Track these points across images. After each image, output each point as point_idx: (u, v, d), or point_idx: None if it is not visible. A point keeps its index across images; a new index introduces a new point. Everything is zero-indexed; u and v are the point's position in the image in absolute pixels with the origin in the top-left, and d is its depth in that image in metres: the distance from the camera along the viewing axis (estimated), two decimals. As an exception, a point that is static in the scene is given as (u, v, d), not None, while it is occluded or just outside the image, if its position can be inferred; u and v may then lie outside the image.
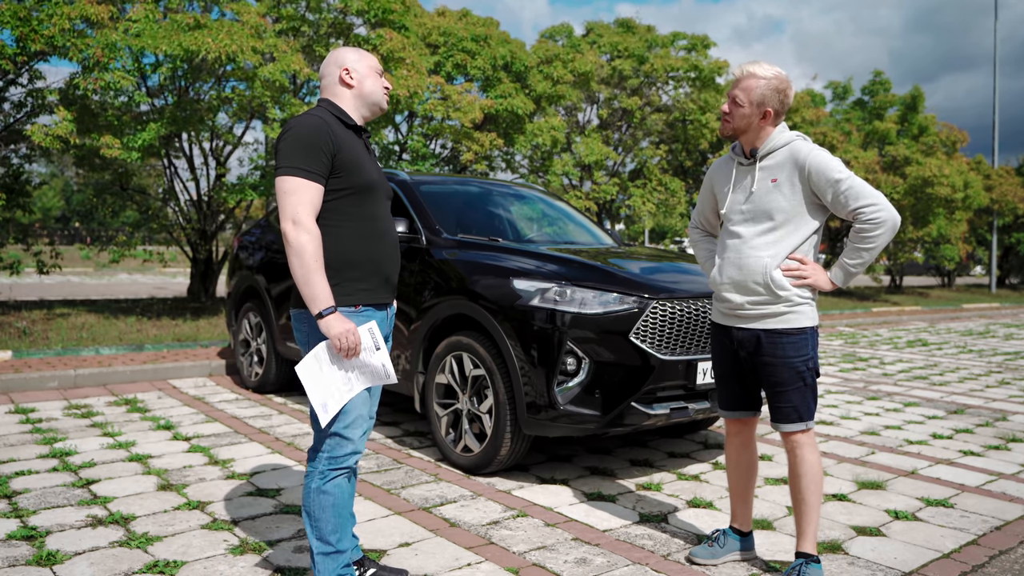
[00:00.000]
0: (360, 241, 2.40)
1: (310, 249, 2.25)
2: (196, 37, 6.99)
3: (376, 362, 2.36)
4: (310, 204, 2.29)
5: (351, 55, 2.51)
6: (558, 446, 4.58)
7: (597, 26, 15.68)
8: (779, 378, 2.71)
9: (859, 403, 6.22)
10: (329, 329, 2.26)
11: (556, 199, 6.13)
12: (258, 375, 5.90)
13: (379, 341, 2.37)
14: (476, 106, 9.39)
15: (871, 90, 20.65)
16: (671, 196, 14.50)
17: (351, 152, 2.38)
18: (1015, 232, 27.58)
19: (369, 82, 2.49)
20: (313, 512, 2.39)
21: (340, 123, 2.43)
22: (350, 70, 2.48)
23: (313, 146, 2.30)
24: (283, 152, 2.32)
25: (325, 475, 2.39)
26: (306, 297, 2.27)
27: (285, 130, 2.38)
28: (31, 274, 18.18)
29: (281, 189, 2.29)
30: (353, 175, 2.37)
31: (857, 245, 2.64)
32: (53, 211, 47.95)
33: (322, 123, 2.34)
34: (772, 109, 2.68)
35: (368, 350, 2.35)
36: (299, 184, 2.28)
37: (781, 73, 2.69)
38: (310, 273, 2.25)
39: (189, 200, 10.49)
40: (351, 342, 2.27)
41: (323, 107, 2.46)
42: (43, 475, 3.76)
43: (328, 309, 2.26)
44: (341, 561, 2.40)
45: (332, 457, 2.38)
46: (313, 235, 2.27)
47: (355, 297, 2.38)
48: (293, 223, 2.25)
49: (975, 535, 3.31)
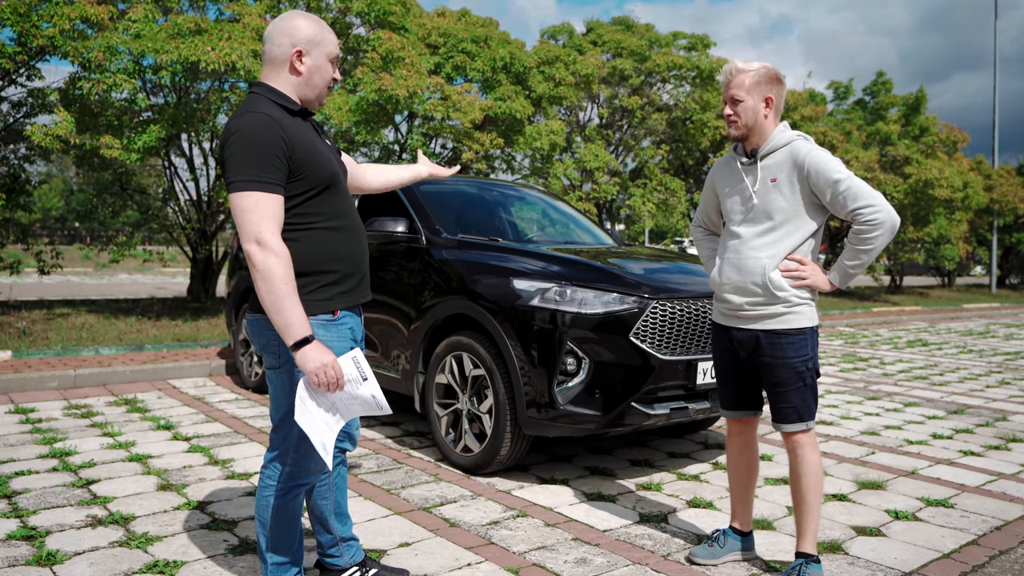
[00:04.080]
0: (334, 242, 2.22)
1: (279, 272, 2.02)
2: (196, 45, 6.97)
3: (366, 393, 2.16)
4: (272, 219, 2.04)
5: (308, 30, 2.18)
6: (558, 446, 4.58)
7: (597, 25, 15.70)
8: (779, 378, 2.71)
9: (859, 403, 6.22)
10: (304, 364, 2.03)
11: (556, 199, 6.13)
12: (258, 375, 5.90)
13: (365, 371, 2.17)
14: (476, 107, 9.39)
15: (873, 90, 20.65)
16: (671, 196, 14.50)
17: (306, 146, 2.14)
18: (1015, 232, 27.58)
19: (319, 76, 2.22)
20: (270, 525, 2.27)
21: (286, 112, 2.16)
22: (303, 54, 2.18)
23: (266, 151, 2.05)
24: (233, 163, 2.05)
25: (286, 491, 2.27)
26: (278, 326, 2.03)
27: (229, 134, 2.08)
28: (31, 274, 18.17)
29: (237, 206, 2.03)
30: (314, 172, 2.15)
31: (856, 246, 2.64)
32: (53, 211, 47.94)
33: (270, 122, 2.08)
34: (772, 95, 2.70)
35: (354, 382, 2.14)
36: (257, 199, 2.03)
37: (766, 63, 2.74)
38: (281, 299, 2.02)
39: (189, 200, 10.48)
40: (330, 376, 2.05)
41: (261, 95, 2.17)
42: (43, 475, 3.76)
43: (303, 339, 2.03)
44: (294, 571, 2.35)
45: (293, 474, 2.26)
46: (281, 256, 2.03)
47: (333, 302, 2.21)
48: (258, 244, 2.01)
49: (975, 535, 3.30)
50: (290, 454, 2.26)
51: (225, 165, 2.09)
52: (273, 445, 2.30)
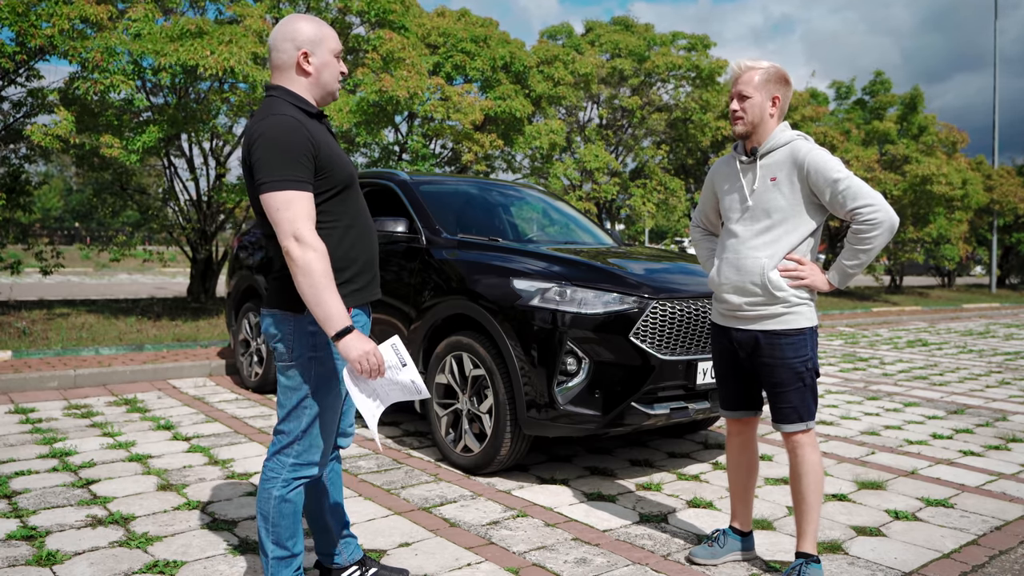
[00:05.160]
0: (351, 241, 2.30)
1: (319, 267, 2.09)
2: (195, 49, 6.97)
3: (405, 379, 2.26)
4: (307, 216, 2.12)
5: (309, 31, 2.25)
6: (558, 446, 4.58)
7: (597, 25, 15.71)
8: (778, 379, 2.71)
9: (859, 403, 6.22)
10: (348, 352, 2.12)
11: (556, 199, 6.13)
12: (258, 375, 5.90)
13: (404, 357, 2.26)
14: (476, 107, 9.39)
15: (871, 90, 20.67)
16: (671, 196, 14.51)
17: (328, 147, 2.23)
18: (1015, 232, 27.59)
19: (327, 72, 2.28)
20: (272, 518, 2.30)
21: (305, 114, 2.23)
22: (309, 55, 2.25)
23: (295, 151, 2.12)
24: (264, 164, 2.12)
25: (288, 484, 2.30)
26: (319, 318, 2.11)
27: (257, 135, 2.16)
28: (31, 274, 18.18)
29: (271, 205, 2.11)
30: (335, 173, 2.24)
31: (855, 246, 2.64)
32: (53, 211, 47.93)
33: (296, 123, 2.16)
34: (780, 95, 2.71)
35: (394, 368, 2.23)
36: (291, 197, 2.11)
37: (776, 63, 2.76)
38: (321, 292, 2.09)
39: (189, 200, 10.49)
40: (372, 364, 2.14)
41: (282, 99, 2.24)
42: (43, 475, 3.76)
43: (345, 329, 2.11)
44: (295, 565, 2.36)
45: (297, 465, 2.30)
46: (319, 251, 2.11)
47: (348, 300, 2.27)
48: (296, 240, 2.09)
49: (975, 535, 3.30)
50: (294, 447, 2.30)
51: (255, 167, 2.15)
52: (277, 439, 2.34)
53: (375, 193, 5.21)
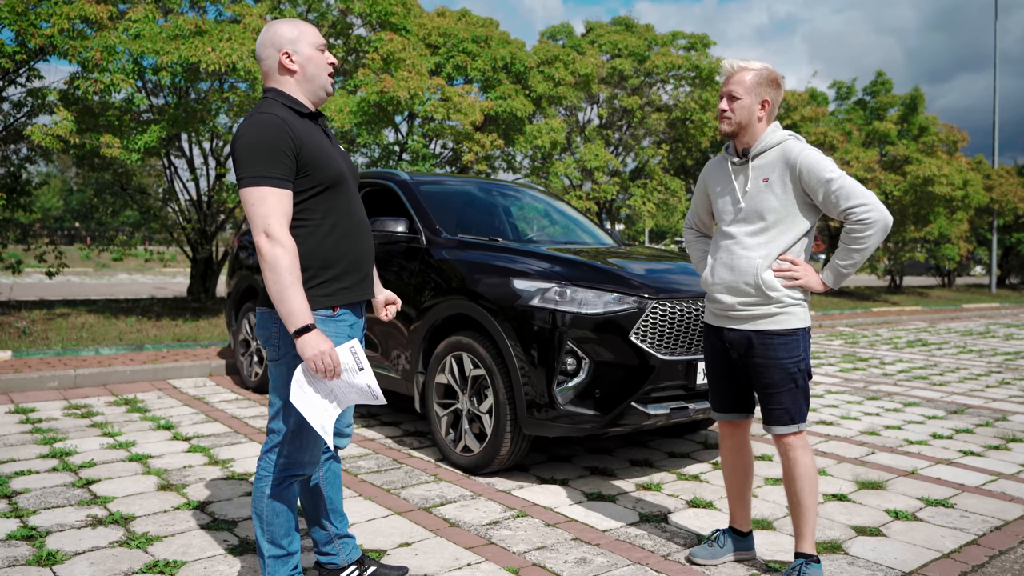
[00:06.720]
0: (337, 239, 2.30)
1: (285, 263, 2.12)
2: (196, 46, 6.97)
3: (361, 382, 2.26)
4: (281, 213, 2.15)
5: (287, 32, 2.28)
6: (558, 446, 4.58)
7: (596, 26, 15.72)
8: (770, 379, 2.70)
9: (859, 403, 6.22)
10: (304, 350, 2.13)
11: (556, 199, 6.13)
12: (258, 375, 5.90)
13: (362, 361, 2.26)
14: (477, 108, 9.40)
15: (872, 90, 20.67)
16: (671, 196, 14.51)
17: (314, 146, 2.24)
18: (1015, 232, 27.59)
19: (312, 66, 2.29)
20: (266, 516, 2.31)
21: (295, 114, 2.26)
22: (290, 53, 2.27)
23: (274, 149, 2.14)
24: (242, 160, 2.16)
25: (280, 482, 2.32)
26: (282, 314, 2.14)
27: (239, 135, 2.19)
28: (31, 274, 18.18)
29: (247, 201, 2.15)
30: (320, 171, 2.24)
31: (848, 246, 2.64)
32: (53, 211, 47.92)
33: (278, 121, 2.18)
34: (769, 99, 2.70)
35: (350, 371, 2.23)
36: (265, 193, 2.13)
37: (768, 65, 2.74)
38: (285, 288, 2.12)
39: (189, 200, 10.50)
40: (327, 363, 2.14)
41: (272, 99, 2.27)
42: (43, 475, 3.76)
43: (305, 327, 2.12)
44: (291, 563, 2.36)
45: (288, 463, 2.32)
46: (288, 248, 2.13)
47: (334, 298, 2.28)
48: (266, 236, 2.12)
49: (975, 535, 3.31)
50: (285, 445, 2.32)
51: (235, 163, 2.19)
52: (269, 437, 2.36)
53: (375, 193, 5.21)
